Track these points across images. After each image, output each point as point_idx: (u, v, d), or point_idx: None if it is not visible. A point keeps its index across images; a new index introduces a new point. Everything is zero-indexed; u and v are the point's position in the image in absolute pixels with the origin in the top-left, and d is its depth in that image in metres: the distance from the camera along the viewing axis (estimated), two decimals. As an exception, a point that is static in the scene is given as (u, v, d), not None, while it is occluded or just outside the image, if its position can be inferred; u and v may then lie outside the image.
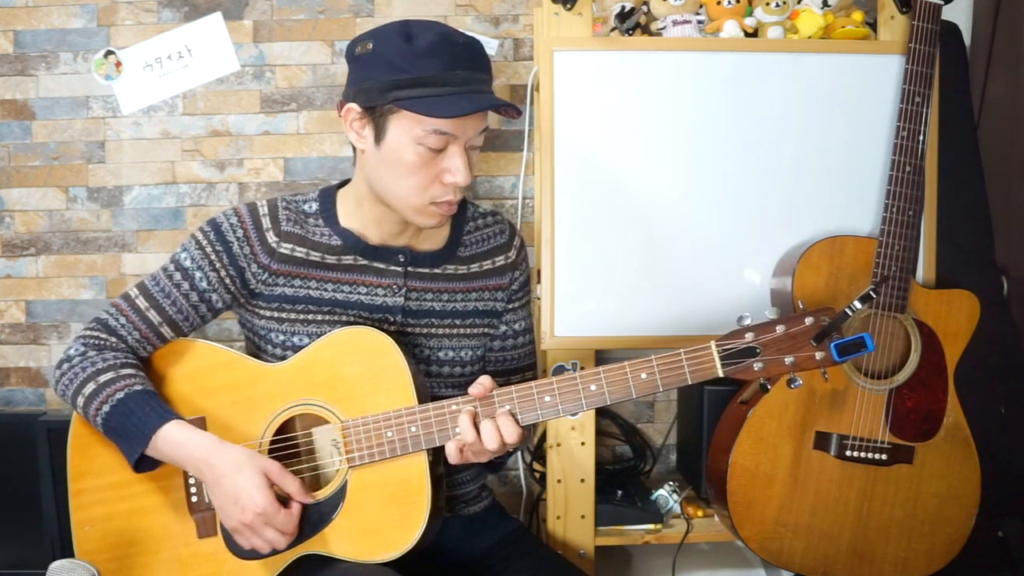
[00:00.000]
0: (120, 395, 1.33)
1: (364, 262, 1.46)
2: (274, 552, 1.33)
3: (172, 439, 1.32)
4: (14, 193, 2.24)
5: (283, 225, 1.44)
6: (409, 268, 1.48)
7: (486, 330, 1.56)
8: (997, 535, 1.87)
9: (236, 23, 2.22)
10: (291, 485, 1.31)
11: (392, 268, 1.47)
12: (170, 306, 1.43)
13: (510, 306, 1.58)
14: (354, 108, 1.37)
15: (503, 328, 1.59)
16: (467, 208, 1.57)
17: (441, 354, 1.51)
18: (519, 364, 1.61)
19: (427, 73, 1.29)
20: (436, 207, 1.38)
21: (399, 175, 1.36)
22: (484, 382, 1.32)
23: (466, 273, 1.53)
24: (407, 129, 1.33)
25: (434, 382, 1.51)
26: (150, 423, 1.32)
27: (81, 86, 2.23)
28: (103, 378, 1.34)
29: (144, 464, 1.35)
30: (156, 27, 2.21)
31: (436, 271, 1.50)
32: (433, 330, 1.50)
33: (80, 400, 1.35)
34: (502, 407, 1.31)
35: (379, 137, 1.36)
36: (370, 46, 1.34)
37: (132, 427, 1.32)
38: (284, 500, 1.32)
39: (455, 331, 1.52)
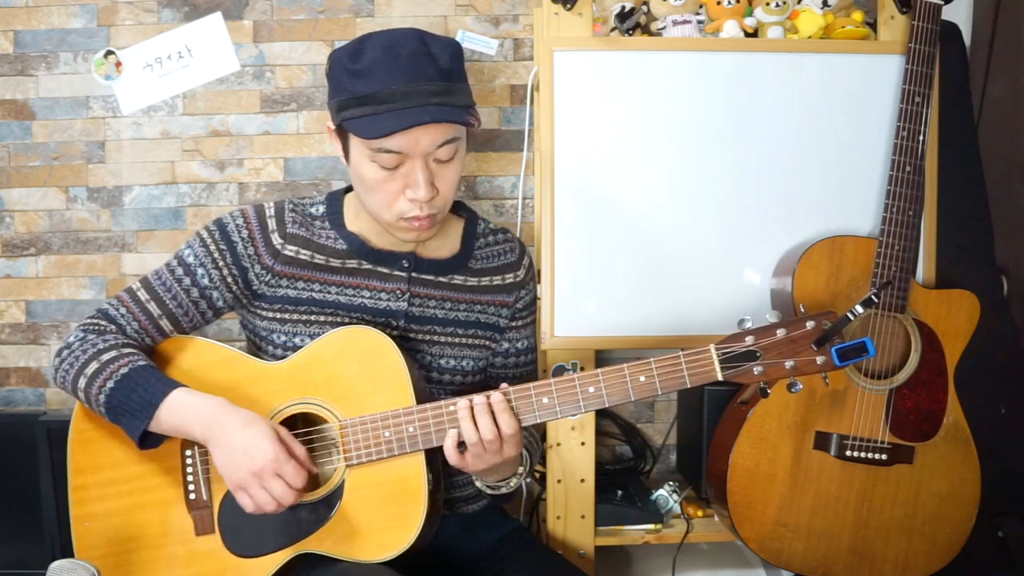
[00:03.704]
0: (124, 370, 1.33)
1: (368, 266, 1.46)
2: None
3: (179, 404, 1.31)
4: (14, 193, 2.24)
5: (288, 227, 1.45)
6: (413, 274, 1.48)
7: (487, 343, 1.56)
8: (997, 535, 1.87)
9: (236, 23, 2.22)
10: (298, 449, 1.31)
11: (396, 273, 1.47)
12: (171, 300, 1.43)
13: (513, 324, 1.59)
14: (331, 126, 1.39)
15: (505, 345, 1.59)
16: (477, 223, 1.57)
17: (443, 362, 1.51)
18: (520, 383, 1.61)
19: (366, 91, 1.29)
20: (407, 223, 1.38)
21: (365, 191, 1.38)
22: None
23: (475, 285, 1.53)
24: (360, 147, 1.33)
25: (435, 388, 1.51)
26: (156, 392, 1.31)
27: (81, 86, 2.23)
28: (105, 357, 1.34)
29: (148, 441, 1.35)
30: (156, 27, 2.21)
31: (442, 279, 1.50)
32: (435, 337, 1.50)
33: (82, 381, 1.35)
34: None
35: (346, 155, 1.38)
36: (327, 66, 1.36)
37: (137, 399, 1.31)
38: None
39: (456, 340, 1.52)
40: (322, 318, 1.45)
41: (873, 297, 1.30)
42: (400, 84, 1.28)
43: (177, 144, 2.25)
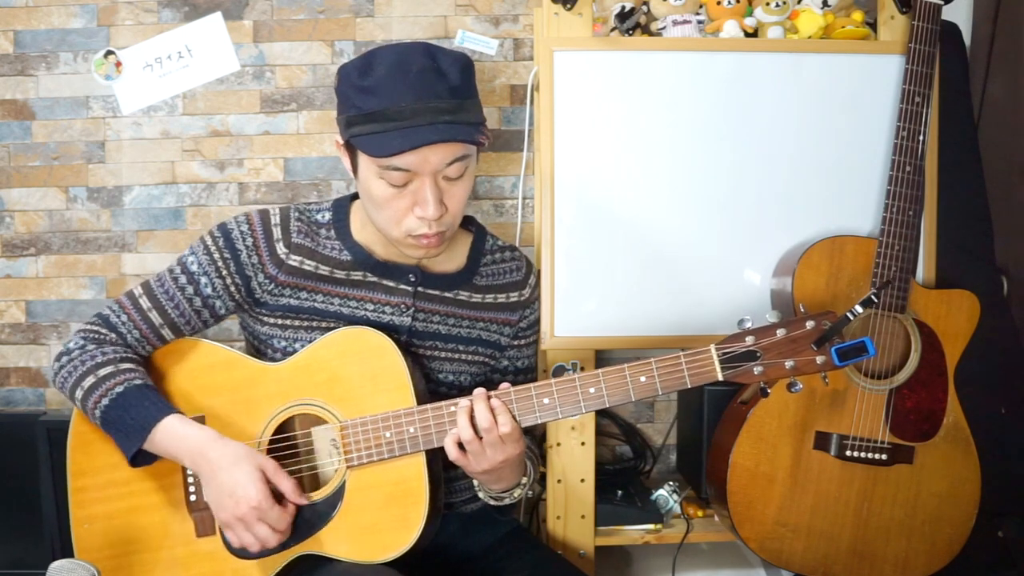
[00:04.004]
0: (119, 389, 1.33)
1: (373, 279, 1.46)
2: (264, 553, 1.32)
3: (171, 432, 1.31)
4: (14, 193, 2.24)
5: (293, 236, 1.44)
6: (419, 288, 1.48)
7: (487, 360, 1.56)
8: (997, 535, 1.87)
9: (236, 23, 2.22)
10: (286, 484, 1.31)
11: (402, 287, 1.47)
12: (173, 309, 1.43)
13: (515, 342, 1.59)
14: (339, 141, 1.38)
15: (505, 363, 1.59)
16: (486, 239, 1.57)
17: (441, 376, 1.51)
18: None
19: (375, 108, 1.27)
20: (415, 240, 1.36)
21: (374, 207, 1.37)
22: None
23: (479, 302, 1.52)
24: (369, 164, 1.32)
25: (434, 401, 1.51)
26: (149, 417, 1.31)
27: (81, 86, 2.22)
28: (102, 372, 1.34)
29: (140, 459, 1.35)
30: (156, 27, 2.21)
31: (447, 295, 1.50)
32: (436, 352, 1.50)
33: (79, 393, 1.35)
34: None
35: (355, 170, 1.37)
36: (336, 81, 1.35)
37: (131, 421, 1.31)
38: (279, 499, 1.31)
39: (457, 356, 1.52)
40: (324, 324, 1.44)
41: (873, 297, 1.30)
42: (409, 101, 1.26)
43: (177, 144, 2.25)
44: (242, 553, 1.35)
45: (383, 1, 2.23)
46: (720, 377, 1.29)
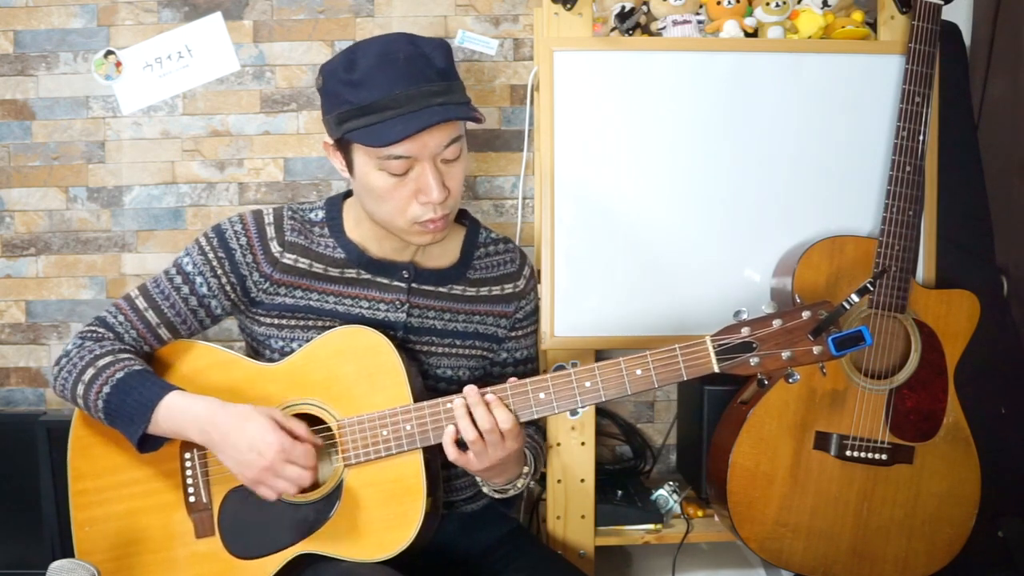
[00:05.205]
0: (120, 375, 1.33)
1: (367, 276, 1.46)
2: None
3: (175, 407, 1.31)
4: (14, 193, 2.24)
5: (287, 235, 1.44)
6: (413, 284, 1.48)
7: (485, 353, 1.56)
8: (997, 535, 1.87)
9: (236, 23, 2.22)
10: (298, 427, 1.31)
11: (396, 284, 1.47)
12: (169, 309, 1.43)
13: (512, 334, 1.58)
14: (328, 141, 1.39)
15: (504, 355, 1.59)
16: (479, 232, 1.56)
17: (439, 372, 1.51)
18: None
19: (367, 101, 1.28)
20: (421, 226, 1.37)
21: (376, 200, 1.36)
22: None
23: (474, 296, 1.52)
24: (366, 158, 1.32)
25: (431, 397, 1.50)
26: (152, 396, 1.32)
27: (81, 86, 2.23)
28: (102, 362, 1.35)
29: (147, 444, 1.35)
30: (156, 27, 2.21)
31: (441, 289, 1.50)
32: (433, 348, 1.50)
33: (80, 388, 1.35)
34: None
35: (350, 167, 1.37)
36: (320, 81, 1.36)
37: (134, 403, 1.31)
38: None
39: (454, 351, 1.52)
40: (320, 323, 1.44)
41: (868, 286, 1.29)
42: (402, 88, 1.27)
43: (177, 144, 2.25)
44: (242, 553, 1.36)
45: (383, 1, 2.23)
46: (716, 369, 1.28)
